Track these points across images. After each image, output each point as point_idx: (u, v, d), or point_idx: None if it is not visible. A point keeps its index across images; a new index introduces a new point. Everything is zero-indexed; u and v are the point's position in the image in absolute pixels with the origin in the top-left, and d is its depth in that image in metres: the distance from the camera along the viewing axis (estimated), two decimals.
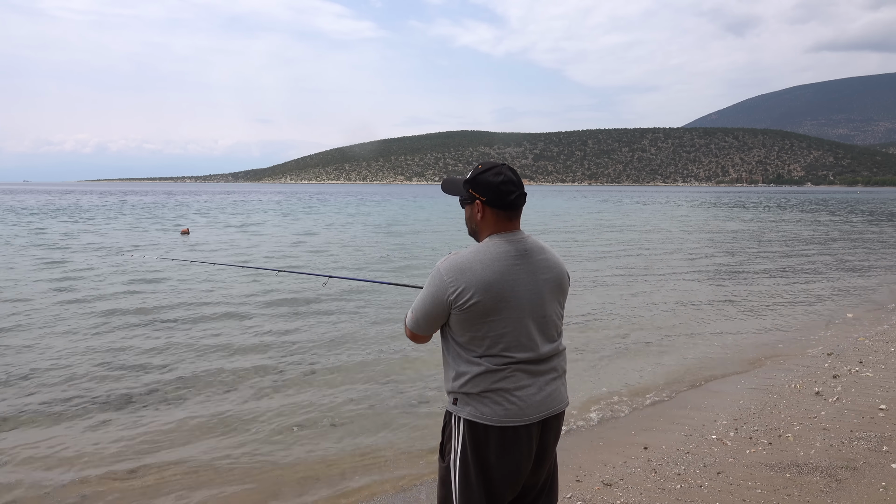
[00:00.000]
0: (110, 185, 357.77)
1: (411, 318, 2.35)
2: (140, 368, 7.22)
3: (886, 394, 6.10)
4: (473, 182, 2.32)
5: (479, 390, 2.24)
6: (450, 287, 2.20)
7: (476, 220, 2.35)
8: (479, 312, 2.20)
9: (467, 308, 2.20)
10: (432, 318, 2.29)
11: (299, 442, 5.33)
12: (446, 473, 2.34)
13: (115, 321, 9.54)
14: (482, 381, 2.23)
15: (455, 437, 2.31)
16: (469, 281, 2.19)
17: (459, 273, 2.21)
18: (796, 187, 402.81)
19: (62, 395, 6.34)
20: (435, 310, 2.26)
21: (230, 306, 10.72)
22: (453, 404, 2.31)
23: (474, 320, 2.21)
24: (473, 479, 2.27)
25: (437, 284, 2.24)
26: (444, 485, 2.37)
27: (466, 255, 2.25)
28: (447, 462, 2.34)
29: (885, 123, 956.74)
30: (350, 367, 7.40)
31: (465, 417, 2.27)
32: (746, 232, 29.47)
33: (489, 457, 2.26)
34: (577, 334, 8.87)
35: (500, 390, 2.23)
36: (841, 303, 11.65)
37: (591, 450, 5.05)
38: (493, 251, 2.25)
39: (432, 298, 2.25)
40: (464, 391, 2.26)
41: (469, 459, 2.28)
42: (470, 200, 2.35)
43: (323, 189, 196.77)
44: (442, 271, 2.24)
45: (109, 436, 5.40)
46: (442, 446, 2.39)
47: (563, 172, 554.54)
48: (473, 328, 2.23)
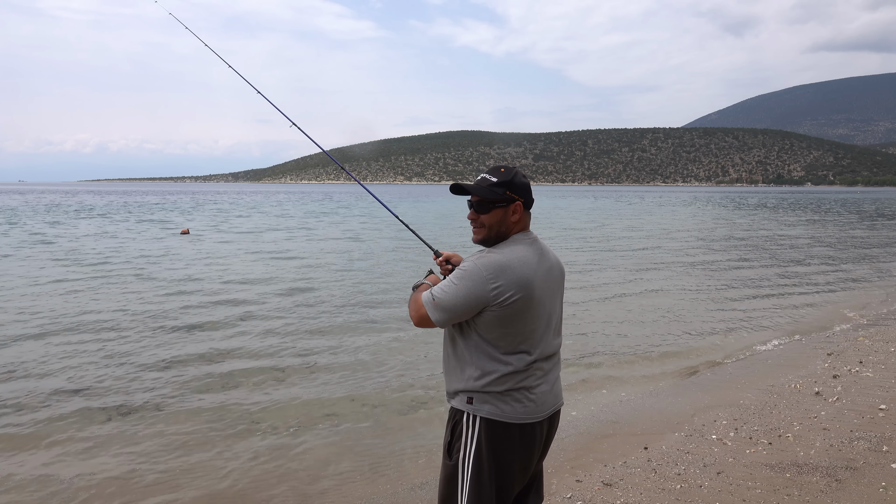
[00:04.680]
0: (112, 185, 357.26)
1: (436, 308, 2.31)
2: (140, 368, 7.23)
3: (886, 394, 6.10)
4: (511, 185, 2.37)
5: (504, 388, 2.28)
6: (490, 284, 2.23)
7: (509, 222, 2.39)
8: (516, 310, 2.26)
9: (507, 305, 2.24)
10: (462, 313, 2.29)
11: (299, 442, 5.34)
12: (454, 471, 2.35)
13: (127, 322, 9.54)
14: (509, 379, 2.28)
15: (468, 435, 2.32)
16: (509, 279, 2.24)
17: (500, 272, 2.24)
18: (796, 187, 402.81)
19: (49, 396, 6.35)
20: (470, 305, 2.26)
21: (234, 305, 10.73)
22: (468, 403, 2.32)
23: (510, 318, 2.26)
24: (487, 476, 2.29)
25: (477, 281, 2.24)
26: (449, 483, 2.37)
27: (504, 254, 2.30)
28: (455, 460, 2.35)
29: (885, 123, 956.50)
30: (352, 366, 7.40)
31: (482, 416, 2.29)
32: (748, 230, 29.46)
33: (507, 454, 2.31)
34: (575, 335, 8.86)
35: (522, 389, 2.30)
36: (841, 303, 11.65)
37: (591, 450, 5.05)
38: (524, 250, 2.33)
39: (471, 295, 2.24)
40: (486, 389, 2.28)
41: (484, 457, 2.30)
42: (506, 203, 2.37)
43: (329, 189, 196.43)
44: (482, 269, 2.25)
45: (109, 435, 5.41)
46: (450, 444, 2.39)
47: (563, 172, 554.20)
48: (506, 325, 2.27)
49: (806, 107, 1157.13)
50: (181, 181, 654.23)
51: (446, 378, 2.45)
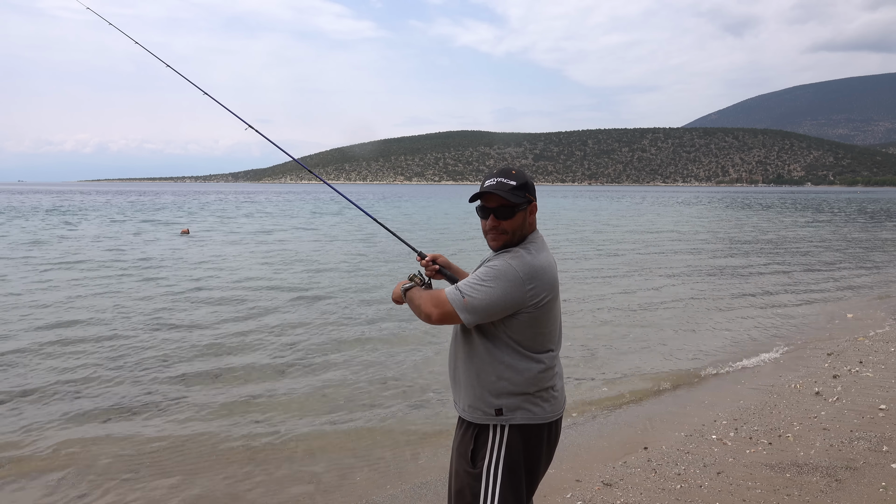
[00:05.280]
0: (112, 185, 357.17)
1: (467, 308, 2.23)
2: (142, 365, 7.24)
3: (886, 394, 6.11)
4: (528, 187, 2.37)
5: (536, 389, 2.30)
6: (527, 286, 2.24)
7: (530, 224, 2.40)
8: (546, 311, 2.30)
9: (542, 306, 2.27)
10: (494, 314, 2.24)
11: (299, 442, 5.34)
12: (477, 480, 2.29)
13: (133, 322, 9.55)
14: (541, 378, 2.31)
15: (497, 442, 2.29)
16: (542, 281, 2.28)
17: (535, 274, 2.26)
18: (796, 187, 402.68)
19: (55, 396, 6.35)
20: (506, 307, 2.23)
21: (235, 306, 10.73)
22: (497, 415, 2.28)
23: (542, 318, 2.29)
24: (518, 481, 2.29)
25: (515, 284, 2.22)
26: (470, 491, 2.30)
27: (534, 256, 2.31)
28: (480, 469, 2.29)
29: (885, 123, 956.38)
30: (350, 366, 7.40)
31: (514, 423, 2.28)
32: (751, 231, 29.46)
33: (537, 455, 2.34)
34: (573, 334, 8.87)
35: (549, 387, 2.34)
36: (841, 303, 11.65)
37: (592, 449, 5.05)
38: (545, 250, 2.38)
39: (508, 296, 2.22)
40: (521, 391, 2.27)
41: (514, 463, 2.28)
42: (526, 204, 2.36)
43: (329, 189, 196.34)
44: (519, 272, 2.24)
45: (109, 435, 5.42)
46: (473, 452, 2.33)
47: (563, 172, 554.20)
48: (539, 325, 2.30)
49: (806, 107, 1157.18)
50: (181, 181, 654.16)
51: (462, 387, 2.38)
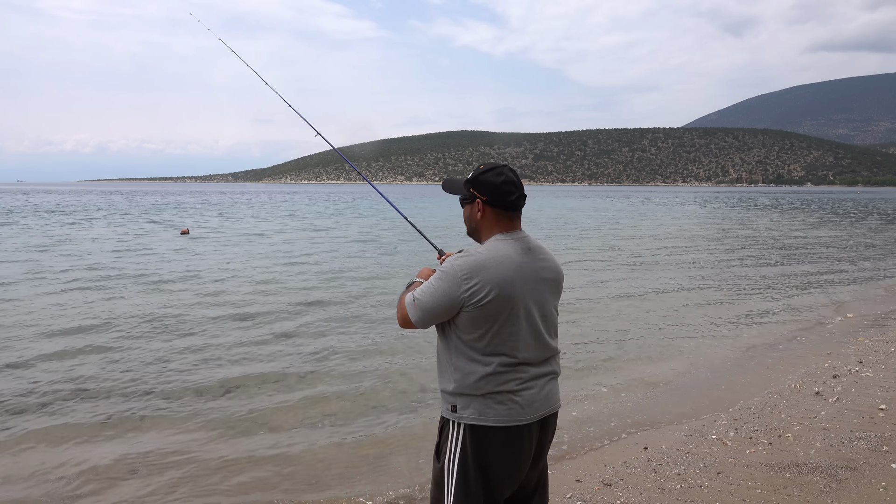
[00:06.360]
0: (112, 185, 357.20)
1: (416, 309, 2.30)
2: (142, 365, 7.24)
3: (886, 394, 6.11)
4: (475, 182, 2.36)
5: (486, 391, 2.24)
6: (464, 284, 2.20)
7: (476, 220, 2.39)
8: (492, 311, 2.21)
9: (482, 306, 2.20)
10: (438, 314, 2.28)
11: (299, 442, 5.34)
12: (441, 474, 2.35)
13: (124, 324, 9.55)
14: (489, 381, 2.24)
15: (453, 438, 2.31)
16: (485, 279, 2.21)
17: (475, 271, 2.21)
18: (796, 187, 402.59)
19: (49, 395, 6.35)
20: (445, 306, 2.24)
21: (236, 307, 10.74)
22: (452, 411, 2.31)
23: (487, 318, 2.22)
24: (472, 480, 2.28)
25: (452, 281, 2.22)
26: (437, 485, 2.38)
27: (481, 254, 2.26)
28: (442, 463, 2.35)
29: (885, 123, 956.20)
30: (352, 366, 7.41)
31: (465, 423, 2.28)
32: (753, 231, 29.46)
33: (491, 458, 2.27)
34: (571, 331, 8.87)
35: (505, 392, 2.25)
36: (841, 303, 11.65)
37: (591, 450, 5.06)
38: (504, 250, 2.28)
39: (445, 295, 2.23)
40: (468, 392, 2.26)
41: (469, 461, 2.28)
42: (470, 199, 2.39)
43: (330, 189, 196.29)
44: (457, 269, 2.23)
45: (109, 435, 5.42)
46: (438, 447, 2.40)
47: (563, 172, 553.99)
48: (484, 326, 2.23)
49: (806, 107, 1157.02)
50: (181, 181, 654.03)
51: (438, 380, 2.44)
